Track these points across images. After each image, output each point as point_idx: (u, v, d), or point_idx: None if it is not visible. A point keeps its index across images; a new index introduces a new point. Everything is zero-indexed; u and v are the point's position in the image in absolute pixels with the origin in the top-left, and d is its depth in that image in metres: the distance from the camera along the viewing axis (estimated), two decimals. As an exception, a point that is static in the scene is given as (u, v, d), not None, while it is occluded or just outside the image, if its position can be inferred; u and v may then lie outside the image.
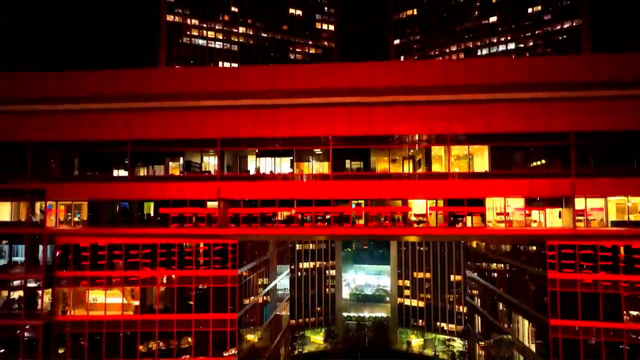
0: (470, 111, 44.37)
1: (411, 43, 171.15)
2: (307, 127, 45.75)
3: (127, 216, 48.92)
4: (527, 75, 43.81)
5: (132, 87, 46.83)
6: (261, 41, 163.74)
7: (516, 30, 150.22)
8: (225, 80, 46.95)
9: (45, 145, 48.50)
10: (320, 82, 45.53)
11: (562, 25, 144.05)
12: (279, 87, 45.66)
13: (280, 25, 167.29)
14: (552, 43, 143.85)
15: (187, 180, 47.61)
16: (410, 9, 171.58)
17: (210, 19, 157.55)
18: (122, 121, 47.07)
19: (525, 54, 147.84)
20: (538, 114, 43.68)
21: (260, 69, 55.71)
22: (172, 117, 46.69)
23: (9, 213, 49.79)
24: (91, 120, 47.30)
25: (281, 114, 45.92)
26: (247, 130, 46.24)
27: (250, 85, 46.02)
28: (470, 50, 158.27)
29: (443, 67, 46.36)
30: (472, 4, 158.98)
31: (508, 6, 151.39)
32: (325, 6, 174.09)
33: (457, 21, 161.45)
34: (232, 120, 46.26)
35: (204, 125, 46.46)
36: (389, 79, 44.96)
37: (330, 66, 62.97)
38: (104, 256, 49.01)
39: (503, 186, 44.35)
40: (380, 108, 45.15)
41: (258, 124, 46.04)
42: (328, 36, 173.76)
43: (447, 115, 44.51)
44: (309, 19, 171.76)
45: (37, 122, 47.72)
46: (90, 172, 50.00)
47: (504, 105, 44.18)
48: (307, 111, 45.76)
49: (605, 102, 43.04)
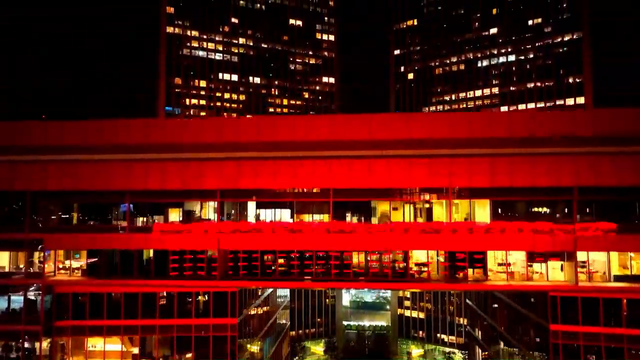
0: (472, 165, 44.06)
1: (411, 53, 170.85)
2: (307, 180, 45.50)
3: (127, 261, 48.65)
4: (529, 130, 43.58)
5: (131, 138, 46.60)
6: (261, 52, 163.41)
7: (516, 42, 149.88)
8: (225, 131, 46.72)
9: (44, 194, 48.21)
10: (320, 135, 45.30)
11: (562, 37, 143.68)
12: (279, 139, 45.43)
13: (280, 36, 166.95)
14: (553, 55, 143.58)
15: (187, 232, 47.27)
16: (411, 20, 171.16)
17: (211, 30, 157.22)
18: (121, 172, 46.75)
19: (526, 66, 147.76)
20: (541, 169, 43.36)
21: (260, 120, 55.64)
22: (171, 168, 46.39)
23: (7, 262, 49.50)
24: (90, 171, 46.96)
25: (282, 166, 45.66)
26: (247, 181, 45.96)
27: (250, 137, 45.77)
28: (471, 62, 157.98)
29: (445, 120, 46.12)
30: (472, 15, 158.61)
31: (508, 18, 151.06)
32: (325, 16, 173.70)
33: (457, 32, 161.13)
34: (232, 172, 45.97)
35: (203, 177, 46.18)
36: (388, 132, 44.69)
37: (331, 118, 62.57)
38: (103, 304, 48.70)
39: (504, 240, 44.04)
40: (381, 161, 44.85)
41: (258, 176, 45.76)
42: (328, 46, 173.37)
43: (449, 169, 44.21)
44: (309, 29, 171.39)
45: (36, 171, 47.36)
46: (89, 222, 49.71)
47: (506, 159, 43.86)
48: (308, 163, 45.45)
49: (609, 157, 42.72)
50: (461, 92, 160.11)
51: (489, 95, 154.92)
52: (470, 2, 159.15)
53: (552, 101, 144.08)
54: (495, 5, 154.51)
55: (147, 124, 48.79)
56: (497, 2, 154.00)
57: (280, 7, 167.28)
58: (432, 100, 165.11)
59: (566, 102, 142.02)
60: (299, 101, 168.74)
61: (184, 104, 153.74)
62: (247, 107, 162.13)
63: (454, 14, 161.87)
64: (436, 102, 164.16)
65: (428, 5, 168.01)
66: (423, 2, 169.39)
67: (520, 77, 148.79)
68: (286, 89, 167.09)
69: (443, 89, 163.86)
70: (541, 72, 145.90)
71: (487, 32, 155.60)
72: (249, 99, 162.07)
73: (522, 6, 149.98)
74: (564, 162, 43.16)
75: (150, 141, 46.64)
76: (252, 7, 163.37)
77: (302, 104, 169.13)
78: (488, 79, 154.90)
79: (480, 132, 44.27)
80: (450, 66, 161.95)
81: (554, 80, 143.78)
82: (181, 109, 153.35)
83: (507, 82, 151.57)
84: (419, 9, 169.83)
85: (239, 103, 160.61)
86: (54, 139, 47.46)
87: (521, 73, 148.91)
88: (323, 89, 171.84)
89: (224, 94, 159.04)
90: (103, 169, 46.94)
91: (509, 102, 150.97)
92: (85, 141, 46.90)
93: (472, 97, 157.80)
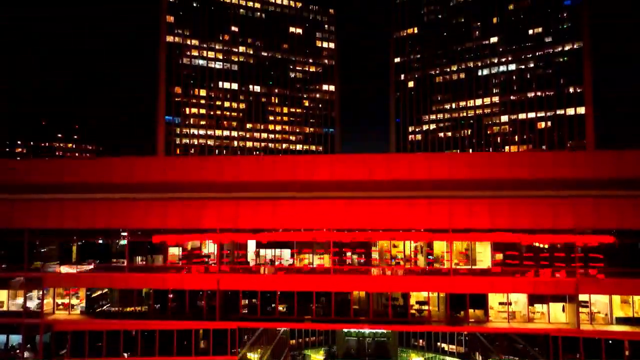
0: (472, 206, 43.86)
1: (412, 62, 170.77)
2: (307, 220, 45.30)
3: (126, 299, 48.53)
4: (529, 172, 43.46)
5: (131, 177, 46.44)
6: (261, 60, 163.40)
7: (517, 51, 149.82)
8: (225, 170, 46.52)
9: (43, 232, 48.04)
10: (320, 175, 45.16)
11: (562, 47, 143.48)
12: (279, 179, 45.27)
13: (280, 44, 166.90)
14: (553, 65, 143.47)
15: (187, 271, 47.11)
16: (411, 28, 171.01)
17: (211, 38, 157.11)
18: (120, 210, 46.53)
19: (526, 75, 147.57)
20: (542, 211, 43.17)
21: (260, 160, 55.42)
22: (170, 207, 46.16)
23: (6, 298, 49.27)
24: (89, 209, 46.70)
25: (281, 206, 45.45)
26: (246, 221, 45.76)
27: (250, 176, 45.64)
28: (471, 70, 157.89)
29: (446, 161, 45.89)
30: (473, 24, 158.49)
31: (509, 27, 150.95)
32: (325, 24, 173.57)
33: (457, 41, 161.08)
34: (231, 211, 45.77)
35: (202, 216, 45.98)
36: (389, 172, 44.56)
37: (331, 158, 62.32)
38: (102, 341, 48.53)
39: (506, 283, 43.91)
40: (381, 201, 44.66)
41: (258, 216, 45.57)
42: (328, 54, 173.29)
43: (449, 211, 44.01)
44: (309, 38, 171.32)
45: (34, 209, 47.09)
46: (89, 260, 49.47)
47: (507, 200, 43.67)
48: (308, 203, 45.27)
49: (610, 200, 42.53)
50: (461, 101, 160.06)
51: (489, 104, 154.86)
52: (470, 11, 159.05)
53: (552, 111, 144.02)
54: (496, 15, 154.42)
55: (148, 164, 48.66)
56: (498, 11, 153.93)
57: (280, 15, 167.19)
58: (432, 108, 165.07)
59: (567, 112, 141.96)
60: (298, 109, 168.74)
61: (184, 113, 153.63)
62: (247, 115, 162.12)
63: (454, 23, 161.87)
64: (436, 111, 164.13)
65: (428, 13, 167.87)
66: (423, 10, 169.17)
67: (520, 87, 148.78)
68: (286, 97, 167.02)
69: (443, 97, 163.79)
70: (541, 82, 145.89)
71: (488, 41, 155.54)
72: (249, 108, 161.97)
73: (523, 15, 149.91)
74: (565, 204, 42.95)
75: (150, 180, 46.47)
76: (252, 15, 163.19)
77: (302, 112, 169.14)
78: (488, 88, 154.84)
79: (480, 173, 44.08)
80: (451, 75, 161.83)
81: (554, 90, 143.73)
82: (181, 119, 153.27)
83: (507, 91, 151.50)
84: (419, 17, 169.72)
85: (239, 112, 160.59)
86: (54, 176, 47.24)
87: (521, 82, 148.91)
88: (323, 97, 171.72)
89: (224, 102, 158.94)
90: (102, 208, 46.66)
91: (509, 112, 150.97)
92: (84, 179, 46.69)
93: (473, 106, 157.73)
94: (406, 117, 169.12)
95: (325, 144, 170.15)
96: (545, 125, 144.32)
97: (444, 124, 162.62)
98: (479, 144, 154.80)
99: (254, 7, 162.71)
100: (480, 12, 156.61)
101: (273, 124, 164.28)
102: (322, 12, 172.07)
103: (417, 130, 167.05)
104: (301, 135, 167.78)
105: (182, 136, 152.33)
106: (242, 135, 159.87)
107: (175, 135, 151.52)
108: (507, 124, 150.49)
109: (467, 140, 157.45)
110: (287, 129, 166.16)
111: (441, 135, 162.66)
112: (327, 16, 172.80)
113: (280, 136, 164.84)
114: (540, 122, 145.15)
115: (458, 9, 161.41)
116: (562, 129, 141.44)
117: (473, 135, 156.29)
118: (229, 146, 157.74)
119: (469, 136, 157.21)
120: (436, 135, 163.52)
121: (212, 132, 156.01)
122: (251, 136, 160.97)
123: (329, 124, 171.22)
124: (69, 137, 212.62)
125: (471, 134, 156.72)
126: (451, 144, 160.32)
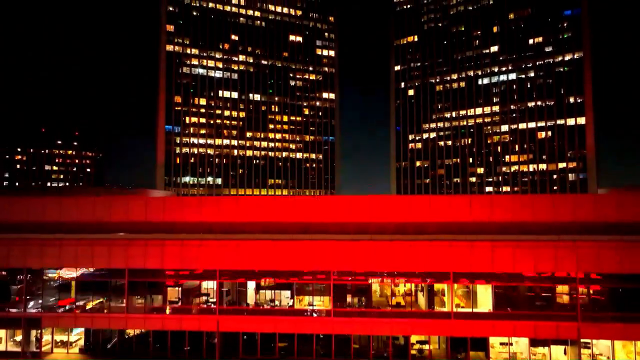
0: (473, 249, 43.52)
1: (412, 70, 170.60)
2: (308, 262, 44.95)
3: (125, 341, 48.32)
4: (531, 214, 43.17)
5: (129, 216, 46.18)
6: (261, 68, 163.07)
7: (517, 60, 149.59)
8: (223, 210, 46.23)
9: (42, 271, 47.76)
10: (321, 216, 44.89)
11: (563, 57, 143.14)
12: (279, 220, 45.00)
13: (280, 52, 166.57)
14: (554, 74, 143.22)
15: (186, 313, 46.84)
16: (411, 36, 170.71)
17: (210, 47, 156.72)
18: (119, 251, 46.22)
19: (527, 85, 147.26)
20: (543, 255, 42.82)
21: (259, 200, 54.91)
22: (170, 248, 45.84)
23: (4, 336, 49.06)
24: (88, 249, 46.45)
25: (281, 247, 45.09)
26: (246, 263, 45.41)
27: (249, 217, 45.34)
28: (471, 79, 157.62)
29: (446, 203, 45.56)
30: (473, 32, 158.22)
31: (509, 36, 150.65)
32: (325, 32, 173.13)
33: (458, 49, 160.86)
34: (231, 253, 45.41)
35: (201, 257, 45.63)
36: (390, 215, 44.29)
37: (332, 200, 61.89)
38: (102, 381, 48.33)
39: (507, 327, 43.61)
40: (382, 243, 44.29)
41: (258, 257, 45.22)
42: (328, 62, 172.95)
43: (450, 254, 43.66)
44: (309, 46, 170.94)
45: (33, 248, 46.85)
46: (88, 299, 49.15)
47: (508, 243, 43.30)
48: (308, 244, 44.90)
49: (612, 244, 42.15)
50: (461, 109, 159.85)
51: (490, 113, 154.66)
52: (470, 20, 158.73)
53: (552, 120, 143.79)
54: (496, 24, 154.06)
55: (147, 203, 48.34)
56: (498, 20, 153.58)
57: (280, 24, 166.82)
58: (432, 117, 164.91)
59: (567, 121, 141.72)
60: (298, 117, 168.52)
61: (184, 122, 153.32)
62: (247, 124, 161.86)
63: (455, 31, 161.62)
64: (436, 119, 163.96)
65: (428, 21, 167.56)
66: (423, 18, 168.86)
67: (520, 96, 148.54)
68: (286, 106, 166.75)
69: (443, 105, 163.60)
70: (541, 91, 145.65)
71: (488, 50, 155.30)
72: (249, 116, 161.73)
73: (523, 25, 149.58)
74: (566, 248, 42.61)
75: (149, 219, 46.26)
76: (252, 24, 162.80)
77: (302, 120, 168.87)
78: (488, 97, 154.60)
79: (481, 215, 43.80)
80: (451, 83, 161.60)
81: (554, 100, 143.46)
82: (181, 127, 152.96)
83: (507, 101, 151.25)
84: (419, 25, 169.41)
85: (239, 120, 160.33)
86: (52, 216, 47.07)
87: (522, 91, 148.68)
88: (323, 104, 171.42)
89: (224, 111, 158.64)
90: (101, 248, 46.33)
91: (509, 121, 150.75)
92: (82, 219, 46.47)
93: (473, 114, 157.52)
94: (406, 125, 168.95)
95: (325, 152, 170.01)
96: (546, 135, 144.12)
97: (444, 133, 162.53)
98: (479, 153, 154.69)
99: (254, 15, 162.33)
100: (480, 21, 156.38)
101: (273, 133, 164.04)
102: (322, 20, 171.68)
103: (417, 138, 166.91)
104: (301, 144, 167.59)
105: (182, 145, 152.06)
106: (242, 144, 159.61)
107: (175, 144, 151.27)
108: (507, 133, 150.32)
109: (467, 149, 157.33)
110: (287, 137, 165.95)
111: (441, 144, 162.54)
112: (327, 24, 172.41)
113: (280, 144, 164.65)
114: (540, 132, 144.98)
115: (458, 18, 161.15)
116: (562, 139, 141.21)
117: (473, 144, 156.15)
118: (229, 155, 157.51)
119: (469, 145, 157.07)
120: (436, 144, 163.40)
121: (212, 141, 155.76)
122: (251, 145, 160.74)
123: (329, 132, 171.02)
124: (69, 143, 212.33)
125: (471, 142, 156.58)
126: (451, 152, 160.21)
